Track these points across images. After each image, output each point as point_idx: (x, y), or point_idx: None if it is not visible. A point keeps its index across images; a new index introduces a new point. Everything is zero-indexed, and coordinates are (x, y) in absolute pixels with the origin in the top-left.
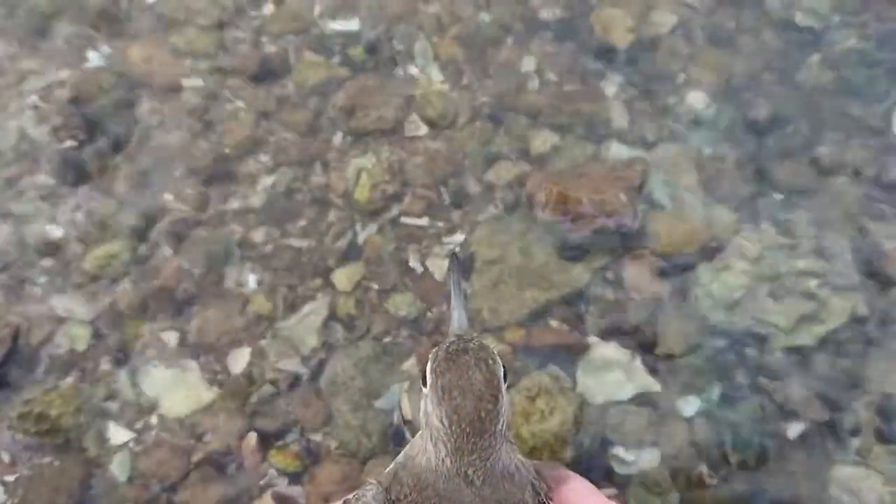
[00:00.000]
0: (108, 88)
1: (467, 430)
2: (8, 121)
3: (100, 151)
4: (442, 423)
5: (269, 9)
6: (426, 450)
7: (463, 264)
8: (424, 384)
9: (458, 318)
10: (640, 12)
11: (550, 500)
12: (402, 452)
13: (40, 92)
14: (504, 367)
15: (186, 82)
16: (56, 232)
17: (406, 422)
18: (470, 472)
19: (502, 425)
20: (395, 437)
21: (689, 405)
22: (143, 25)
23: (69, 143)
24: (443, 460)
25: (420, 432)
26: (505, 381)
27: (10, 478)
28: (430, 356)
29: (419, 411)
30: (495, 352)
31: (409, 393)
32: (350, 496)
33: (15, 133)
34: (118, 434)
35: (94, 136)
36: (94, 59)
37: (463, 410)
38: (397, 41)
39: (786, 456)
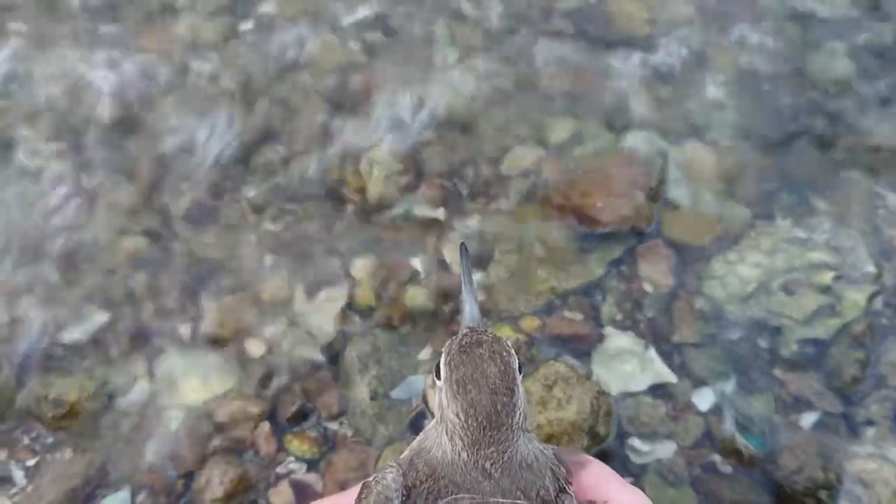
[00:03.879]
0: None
1: (484, 423)
2: None
3: (114, 137)
4: (458, 417)
5: None
6: (441, 444)
7: (482, 252)
8: (438, 377)
9: (469, 310)
10: (657, 2)
11: (570, 484)
12: (417, 440)
13: None
14: (519, 359)
15: (197, 67)
16: (71, 217)
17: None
18: (488, 465)
19: (520, 417)
20: (413, 426)
21: (704, 396)
22: (152, 12)
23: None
24: (459, 454)
25: (433, 423)
26: (520, 372)
27: (30, 462)
28: (443, 349)
29: (434, 404)
30: (509, 343)
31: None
32: (370, 478)
33: None
34: (135, 420)
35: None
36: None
37: (479, 404)
38: (415, 26)
39: (800, 447)
